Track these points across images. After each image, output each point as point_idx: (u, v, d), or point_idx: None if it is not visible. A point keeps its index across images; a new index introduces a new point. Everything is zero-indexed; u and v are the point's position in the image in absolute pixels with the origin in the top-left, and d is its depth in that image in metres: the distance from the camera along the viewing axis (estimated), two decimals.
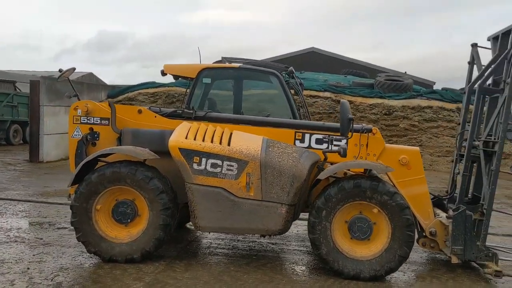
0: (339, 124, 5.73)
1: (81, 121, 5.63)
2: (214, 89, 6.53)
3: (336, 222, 4.84)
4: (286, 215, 4.89)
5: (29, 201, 8.19)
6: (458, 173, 5.64)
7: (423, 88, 18.78)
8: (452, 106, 16.07)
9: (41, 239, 5.78)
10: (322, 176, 4.87)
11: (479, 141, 5.33)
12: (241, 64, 6.21)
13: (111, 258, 4.93)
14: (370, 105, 16.34)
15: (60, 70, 6.04)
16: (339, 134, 5.47)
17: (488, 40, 5.96)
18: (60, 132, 14.92)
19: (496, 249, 5.16)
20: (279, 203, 4.88)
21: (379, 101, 16.43)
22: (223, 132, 5.20)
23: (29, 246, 5.45)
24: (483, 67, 5.83)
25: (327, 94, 17.28)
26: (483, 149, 5.21)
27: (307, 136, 5.50)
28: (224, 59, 6.45)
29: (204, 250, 5.62)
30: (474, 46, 6.10)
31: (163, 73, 6.29)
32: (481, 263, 5.07)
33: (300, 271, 5.00)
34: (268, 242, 6.02)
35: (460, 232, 5.07)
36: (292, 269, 5.08)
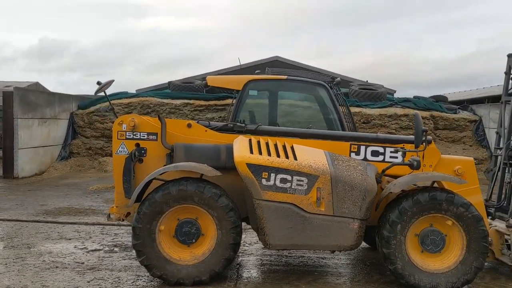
0: (392, 135, 5.72)
1: (127, 136, 5.33)
2: (252, 100, 6.34)
3: (409, 235, 4.77)
4: (359, 230, 4.79)
5: (47, 222, 7.67)
6: (510, 182, 5.72)
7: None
8: (426, 114, 16.34)
9: (83, 263, 5.41)
10: (395, 189, 4.80)
11: None
12: (288, 75, 6.07)
13: (178, 281, 4.67)
14: (346, 113, 16.42)
15: (98, 83, 5.72)
16: (394, 145, 5.46)
17: None
18: (35, 146, 14.24)
19: None
20: (351, 218, 4.77)
21: (357, 109, 16.40)
22: (284, 146, 5.06)
23: (75, 272, 5.09)
24: None
25: (306, 103, 17.36)
26: None
27: (362, 148, 5.44)
28: (268, 70, 6.28)
29: (261, 268, 5.43)
30: (510, 56, 6.24)
31: (206, 85, 6.06)
32: None
33: (377, 285, 4.88)
34: (317, 257, 5.89)
35: None
36: (362, 284, 4.96)
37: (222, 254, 4.70)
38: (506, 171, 5.86)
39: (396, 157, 5.44)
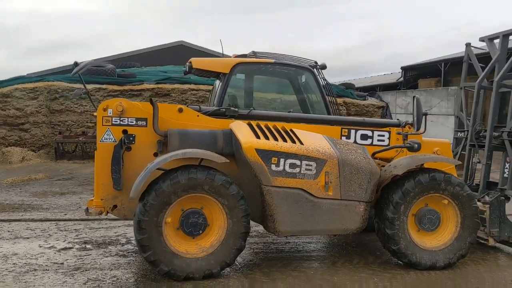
0: (377, 119, 5.85)
1: (113, 122, 4.87)
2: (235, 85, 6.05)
3: (409, 216, 4.92)
4: (364, 213, 4.84)
5: None
6: (479, 161, 6.12)
7: None
8: (340, 100, 16.73)
9: (62, 264, 4.86)
10: (398, 171, 4.89)
11: (501, 132, 5.82)
12: (275, 59, 5.89)
13: (187, 276, 4.38)
14: (269, 99, 16.68)
15: (75, 64, 5.18)
16: (381, 129, 5.59)
17: (481, 40, 6.54)
18: None
19: None
20: (357, 201, 4.80)
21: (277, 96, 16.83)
22: (285, 131, 4.93)
23: (61, 274, 4.55)
24: (481, 65, 6.41)
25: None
26: (509, 139, 5.72)
27: (352, 132, 5.50)
28: (253, 53, 6.03)
29: (257, 256, 5.28)
30: (468, 45, 6.66)
31: (191, 68, 5.67)
32: None
33: (377, 266, 4.97)
34: (303, 242, 5.87)
35: (496, 216, 5.55)
36: (363, 265, 5.02)
37: (234, 244, 4.49)
38: (473, 152, 6.26)
39: (383, 140, 5.58)
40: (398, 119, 5.82)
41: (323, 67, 5.94)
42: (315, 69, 5.89)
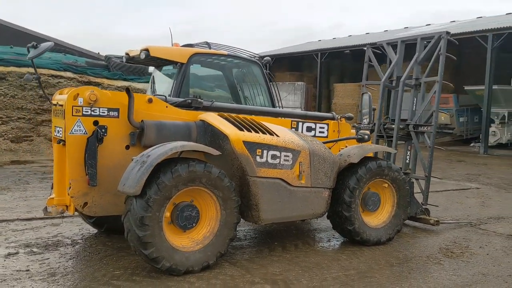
0: (316, 113, 6.40)
1: (83, 112, 4.54)
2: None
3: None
4: (328, 198, 5.34)
5: None
6: None
7: None
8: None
9: (27, 270, 4.35)
10: (354, 159, 5.46)
11: (406, 124, 6.85)
12: (228, 51, 5.88)
13: (187, 270, 4.37)
14: (119, 87, 16.22)
15: (34, 46, 4.64)
16: (321, 121, 6.15)
17: (380, 45, 7.55)
18: None
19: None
20: (323, 188, 5.28)
21: (125, 83, 16.46)
22: (258, 123, 5.15)
23: (42, 281, 4.10)
24: (381, 67, 7.40)
25: (69, 74, 16.24)
26: (414, 131, 6.77)
27: (300, 124, 5.94)
28: (206, 44, 5.92)
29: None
30: (368, 48, 7.61)
31: (148, 55, 5.38)
32: (418, 217, 6.66)
33: (332, 246, 5.50)
34: (244, 229, 6.12)
35: None
36: (321, 246, 5.52)
37: (227, 235, 4.59)
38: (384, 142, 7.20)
39: (323, 132, 6.14)
40: (332, 113, 6.44)
41: (269, 61, 6.23)
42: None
